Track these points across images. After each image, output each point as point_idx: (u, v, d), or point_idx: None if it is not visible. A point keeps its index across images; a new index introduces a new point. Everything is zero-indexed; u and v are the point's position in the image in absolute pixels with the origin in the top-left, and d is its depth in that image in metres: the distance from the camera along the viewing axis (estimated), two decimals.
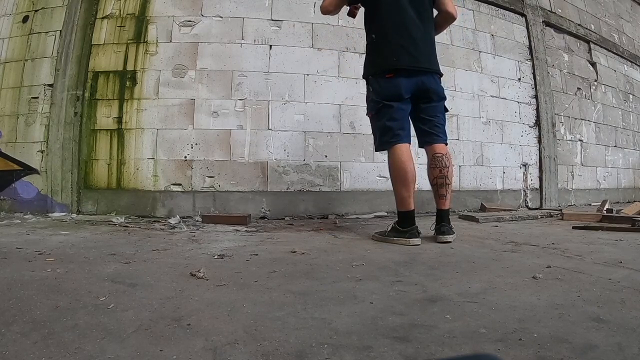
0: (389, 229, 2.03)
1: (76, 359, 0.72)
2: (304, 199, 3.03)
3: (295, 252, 1.69)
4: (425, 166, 2.13)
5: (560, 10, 4.29)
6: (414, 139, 2.14)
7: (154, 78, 2.98)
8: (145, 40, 3.02)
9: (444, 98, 2.17)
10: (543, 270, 1.37)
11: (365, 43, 2.20)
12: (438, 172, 2.06)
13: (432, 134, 2.10)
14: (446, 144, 2.13)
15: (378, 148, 2.17)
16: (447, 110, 2.21)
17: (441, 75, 2.17)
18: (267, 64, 3.06)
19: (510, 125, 3.73)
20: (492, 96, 3.66)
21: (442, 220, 2.03)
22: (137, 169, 2.94)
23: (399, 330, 0.86)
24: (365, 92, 2.20)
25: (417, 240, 1.91)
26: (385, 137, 2.05)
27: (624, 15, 5.17)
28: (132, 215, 2.83)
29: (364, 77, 2.21)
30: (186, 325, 0.88)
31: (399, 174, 1.99)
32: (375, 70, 2.09)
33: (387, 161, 2.08)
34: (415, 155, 2.11)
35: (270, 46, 3.08)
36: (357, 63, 3.11)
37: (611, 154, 4.57)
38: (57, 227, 2.35)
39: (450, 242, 1.95)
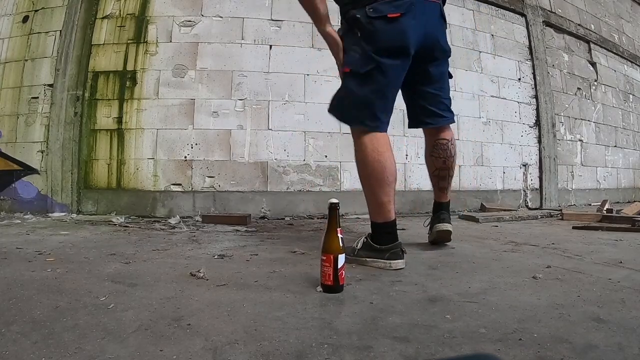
0: (358, 245, 1.48)
1: (76, 359, 0.72)
2: (304, 199, 3.03)
3: (295, 252, 1.69)
4: (425, 158, 1.78)
5: (560, 10, 4.29)
6: (394, 122, 1.63)
7: (154, 78, 2.98)
8: (145, 40, 3.01)
9: (450, 54, 1.61)
10: (543, 270, 1.37)
11: None
12: (441, 162, 1.68)
13: (435, 113, 1.62)
14: (452, 123, 1.69)
15: (343, 118, 1.57)
16: (451, 77, 1.67)
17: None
18: (267, 64, 3.06)
19: (510, 125, 3.73)
20: (492, 96, 3.66)
21: (442, 208, 1.72)
22: (137, 169, 2.94)
23: (399, 330, 0.86)
24: (343, 37, 1.54)
25: (400, 263, 1.40)
26: (360, 114, 1.47)
27: (624, 15, 5.16)
28: (132, 215, 2.82)
29: (346, 13, 1.50)
30: (186, 325, 0.88)
31: (374, 171, 1.45)
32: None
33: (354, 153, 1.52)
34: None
35: (271, 46, 3.08)
36: None
37: (611, 154, 4.56)
38: (57, 227, 2.34)
39: (450, 231, 1.68)
